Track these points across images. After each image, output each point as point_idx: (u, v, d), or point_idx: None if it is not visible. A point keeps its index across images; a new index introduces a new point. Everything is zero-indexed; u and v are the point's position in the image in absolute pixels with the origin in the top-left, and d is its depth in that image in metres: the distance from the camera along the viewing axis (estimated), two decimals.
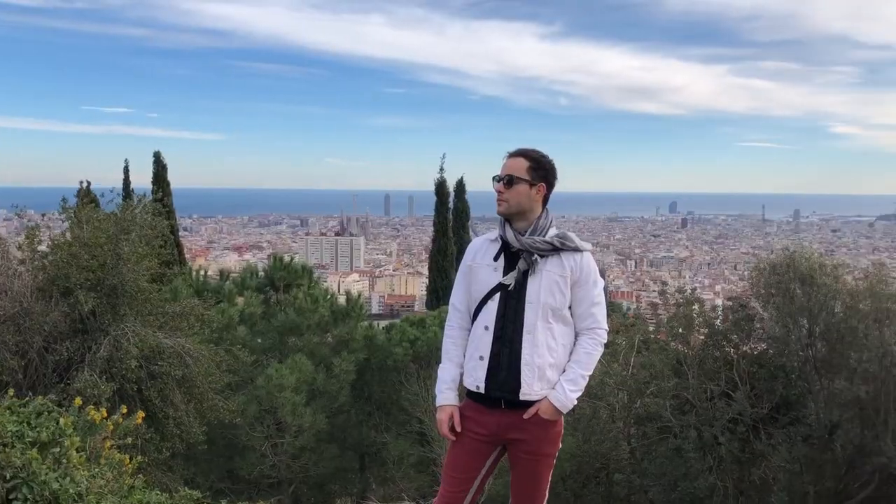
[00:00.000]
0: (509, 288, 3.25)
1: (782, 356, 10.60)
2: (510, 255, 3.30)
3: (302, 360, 12.16)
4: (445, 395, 3.38)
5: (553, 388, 3.29)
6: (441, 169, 25.03)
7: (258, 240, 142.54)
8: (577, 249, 3.31)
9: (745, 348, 11.24)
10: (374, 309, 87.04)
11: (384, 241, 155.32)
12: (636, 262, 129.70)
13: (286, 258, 14.94)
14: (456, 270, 3.67)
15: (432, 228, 25.39)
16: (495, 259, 3.32)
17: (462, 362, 3.39)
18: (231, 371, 10.01)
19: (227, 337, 11.62)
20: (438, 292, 23.34)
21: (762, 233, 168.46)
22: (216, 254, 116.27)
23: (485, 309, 3.29)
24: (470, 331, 3.39)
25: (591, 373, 3.38)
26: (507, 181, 3.31)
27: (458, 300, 3.43)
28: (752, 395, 10.32)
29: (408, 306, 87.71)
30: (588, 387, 12.50)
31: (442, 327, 3.69)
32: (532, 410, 3.27)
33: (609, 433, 11.90)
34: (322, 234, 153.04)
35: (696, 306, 12.08)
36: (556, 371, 3.31)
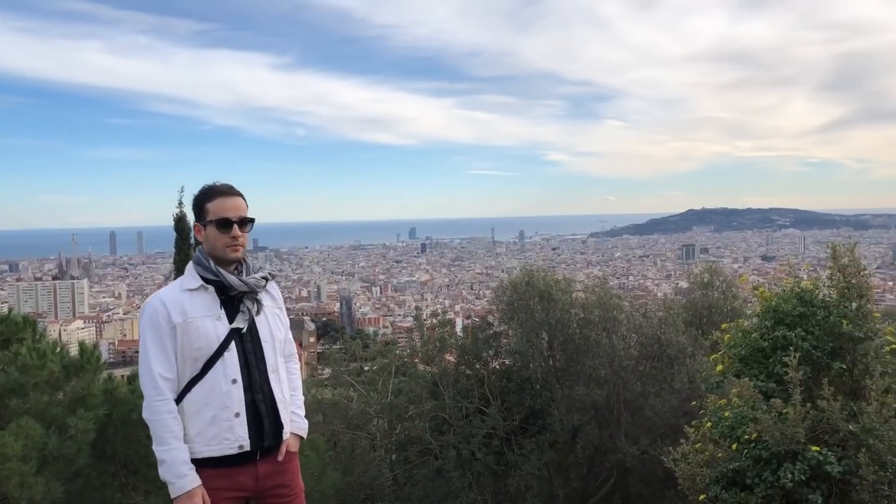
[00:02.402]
0: (243, 332, 3.09)
1: (527, 369, 11.37)
2: (225, 299, 3.12)
3: (29, 424, 10.67)
4: (191, 477, 2.97)
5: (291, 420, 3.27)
6: (180, 203, 23.41)
7: None
8: (273, 278, 3.31)
9: (494, 364, 11.92)
10: (105, 357, 79.66)
11: (111, 282, 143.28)
12: (381, 288, 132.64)
13: (4, 309, 13.17)
14: None
15: (168, 266, 24.05)
16: (221, 307, 3.09)
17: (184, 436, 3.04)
18: None
19: None
20: None
21: (493, 254, 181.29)
22: None
23: (220, 363, 3.02)
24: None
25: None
26: (244, 223, 3.15)
27: (166, 368, 3.00)
28: (503, 409, 10.93)
29: None
30: (347, 418, 12.29)
31: None
32: (283, 449, 3.19)
33: (371, 462, 11.94)
34: (37, 278, 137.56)
35: (448, 328, 12.63)
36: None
